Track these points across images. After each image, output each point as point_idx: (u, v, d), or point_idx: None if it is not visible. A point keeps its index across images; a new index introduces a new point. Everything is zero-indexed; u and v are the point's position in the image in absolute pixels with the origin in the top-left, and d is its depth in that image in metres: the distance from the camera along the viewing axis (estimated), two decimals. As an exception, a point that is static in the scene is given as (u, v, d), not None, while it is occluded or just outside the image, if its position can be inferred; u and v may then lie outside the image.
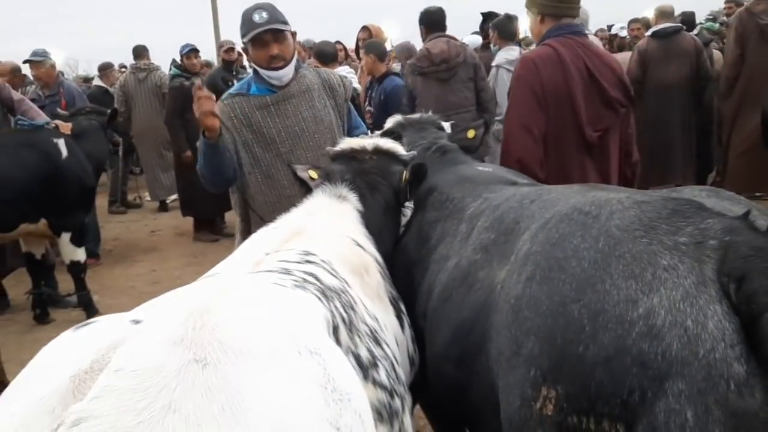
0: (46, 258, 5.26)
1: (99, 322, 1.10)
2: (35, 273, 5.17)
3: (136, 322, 1.07)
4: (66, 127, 5.13)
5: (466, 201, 2.03)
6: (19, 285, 5.70)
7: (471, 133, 2.77)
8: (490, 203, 1.85)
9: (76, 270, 5.09)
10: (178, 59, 7.45)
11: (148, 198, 9.16)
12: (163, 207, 8.93)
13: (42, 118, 5.17)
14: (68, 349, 1.01)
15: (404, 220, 2.46)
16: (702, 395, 1.03)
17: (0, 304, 5.41)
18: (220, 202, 6.51)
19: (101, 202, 8.77)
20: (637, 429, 1.07)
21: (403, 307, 1.99)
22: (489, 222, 1.75)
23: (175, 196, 8.34)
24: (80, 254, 5.07)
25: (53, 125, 5.11)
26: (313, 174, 2.33)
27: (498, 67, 5.89)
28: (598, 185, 1.93)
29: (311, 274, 1.52)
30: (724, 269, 1.09)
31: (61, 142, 4.95)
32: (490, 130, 6.02)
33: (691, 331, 1.07)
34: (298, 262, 1.59)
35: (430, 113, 2.98)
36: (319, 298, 1.41)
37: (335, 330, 1.38)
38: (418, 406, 2.13)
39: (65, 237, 4.96)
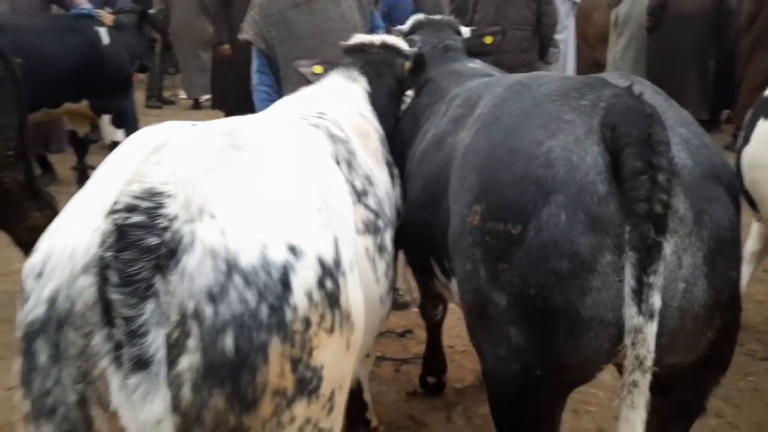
0: (88, 136, 5.82)
1: (169, 123, 1.57)
2: (79, 149, 5.74)
3: (195, 125, 1.55)
4: (108, 17, 5.59)
5: (450, 88, 2.45)
6: (65, 162, 6.29)
7: (488, 39, 3.12)
8: (466, 88, 2.27)
9: (117, 149, 5.63)
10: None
11: (184, 96, 9.63)
12: (197, 105, 9.41)
13: (88, 7, 5.61)
14: (143, 138, 1.49)
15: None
16: (573, 204, 1.47)
17: (48, 176, 6.01)
18: (251, 102, 6.92)
19: (139, 96, 9.28)
20: (528, 227, 1.52)
21: (396, 171, 2.45)
22: (461, 101, 2.17)
23: (208, 96, 8.78)
24: (120, 135, 5.59)
25: (99, 15, 5.55)
26: (318, 69, 2.76)
27: None
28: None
29: (323, 125, 1.98)
30: (605, 122, 1.52)
31: (103, 31, 5.41)
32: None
33: (574, 163, 1.50)
34: (315, 116, 2.04)
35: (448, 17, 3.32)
36: (327, 137, 1.87)
37: (338, 163, 1.84)
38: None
39: (105, 118, 5.50)
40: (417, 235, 2.24)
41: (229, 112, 7.61)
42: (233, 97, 6.98)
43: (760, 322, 3.93)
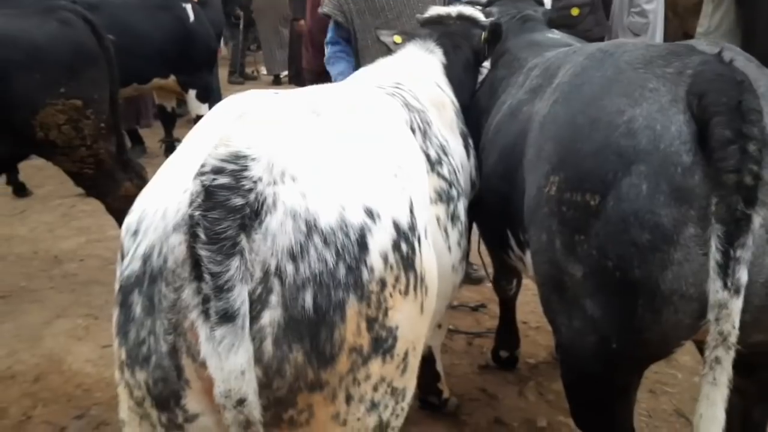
0: (175, 110, 6.06)
1: (252, 91, 1.63)
2: (167, 123, 5.98)
3: (276, 93, 1.60)
4: None
5: (528, 59, 2.40)
6: (153, 135, 6.58)
7: (575, 11, 3.04)
8: (545, 58, 2.22)
9: (202, 123, 5.86)
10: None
11: (264, 72, 9.85)
12: (277, 81, 9.60)
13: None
14: (228, 105, 1.56)
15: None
16: (656, 174, 1.43)
17: (139, 149, 6.31)
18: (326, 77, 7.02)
19: (222, 72, 9.55)
20: (608, 198, 1.49)
21: (470, 142, 2.44)
22: (540, 71, 2.13)
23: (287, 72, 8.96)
24: (204, 110, 5.79)
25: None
26: (398, 39, 2.77)
27: None
28: None
29: (399, 94, 2.00)
30: (692, 89, 1.46)
31: (189, 7, 5.60)
32: (624, 21, 5.97)
33: (657, 132, 1.45)
34: (391, 86, 2.06)
35: None
36: (403, 106, 1.89)
37: (413, 131, 1.85)
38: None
39: (192, 93, 5.70)
40: (492, 207, 2.24)
41: (302, 86, 7.75)
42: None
43: None
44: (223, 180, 1.18)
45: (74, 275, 4.19)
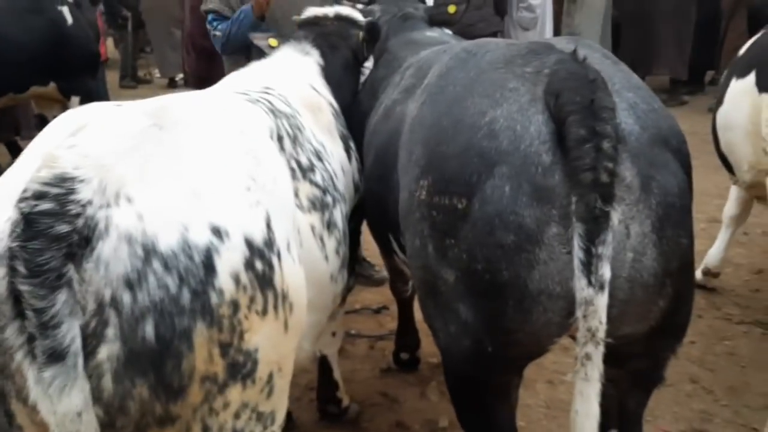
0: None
1: (93, 105, 1.51)
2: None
3: (119, 105, 1.48)
4: None
5: (407, 58, 2.38)
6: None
7: (452, 9, 3.03)
8: (419, 57, 2.20)
9: (88, 132, 5.54)
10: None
11: (158, 75, 9.48)
12: (173, 84, 9.26)
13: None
14: (63, 121, 1.43)
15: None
16: (517, 175, 1.42)
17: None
18: (210, 82, 6.80)
19: (113, 77, 9.12)
20: (474, 200, 1.47)
21: (352, 144, 2.39)
22: (413, 70, 2.11)
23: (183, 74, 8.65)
24: (90, 118, 5.49)
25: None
26: (273, 42, 2.69)
27: None
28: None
29: (266, 100, 1.90)
30: (549, 89, 1.46)
31: (65, 10, 5.25)
32: (513, 16, 6.10)
33: (518, 133, 1.45)
34: (257, 92, 1.97)
35: None
36: (267, 113, 1.80)
37: (280, 139, 1.77)
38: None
39: (75, 100, 5.35)
40: (374, 211, 2.20)
41: (198, 87, 7.50)
42: (208, 82, 6.84)
43: (738, 285, 3.92)
44: (45, 206, 1.08)
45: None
